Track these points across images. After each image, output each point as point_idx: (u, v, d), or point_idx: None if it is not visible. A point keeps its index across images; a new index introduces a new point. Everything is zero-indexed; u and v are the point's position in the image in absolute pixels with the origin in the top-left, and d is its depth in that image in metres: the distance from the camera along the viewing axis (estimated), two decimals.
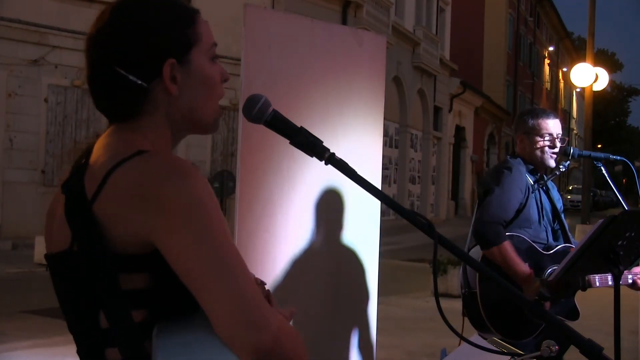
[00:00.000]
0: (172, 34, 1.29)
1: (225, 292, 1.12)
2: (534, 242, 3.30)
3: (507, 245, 3.17)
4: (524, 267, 3.17)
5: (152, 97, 1.28)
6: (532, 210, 3.34)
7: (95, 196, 1.20)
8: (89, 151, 1.31)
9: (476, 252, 3.30)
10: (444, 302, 1.63)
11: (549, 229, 3.42)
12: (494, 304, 3.19)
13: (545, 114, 3.48)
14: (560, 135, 3.43)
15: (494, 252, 3.18)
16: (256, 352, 1.12)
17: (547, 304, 3.14)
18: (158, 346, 1.17)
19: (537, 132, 3.40)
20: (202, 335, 1.19)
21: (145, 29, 1.27)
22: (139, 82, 1.26)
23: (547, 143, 3.39)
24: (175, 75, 1.28)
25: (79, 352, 1.29)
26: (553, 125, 3.42)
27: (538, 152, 3.40)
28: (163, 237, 1.15)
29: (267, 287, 1.48)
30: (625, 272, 3.15)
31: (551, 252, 3.31)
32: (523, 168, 3.40)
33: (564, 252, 3.25)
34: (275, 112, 1.38)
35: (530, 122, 3.43)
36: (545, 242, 3.36)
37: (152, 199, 1.15)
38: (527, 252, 3.25)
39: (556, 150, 3.40)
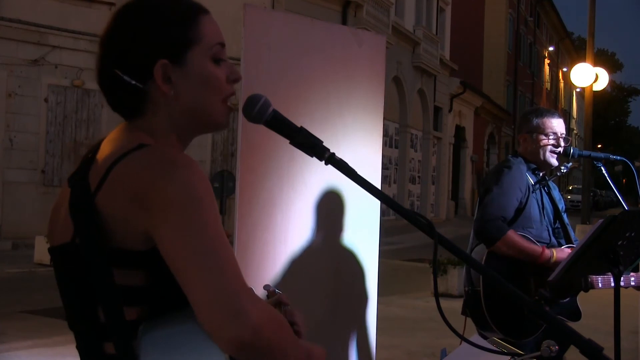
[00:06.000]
0: (164, 35, 1.29)
1: (208, 284, 1.12)
2: (537, 241, 3.30)
3: (511, 234, 3.18)
4: (535, 247, 3.20)
5: (151, 98, 1.30)
6: (533, 209, 3.34)
7: (97, 189, 1.21)
8: (97, 146, 1.32)
9: (480, 250, 3.30)
10: (444, 302, 1.63)
11: (550, 229, 3.42)
12: (497, 302, 3.18)
13: (550, 113, 3.49)
14: (564, 134, 3.43)
15: (499, 246, 3.18)
16: (235, 345, 1.11)
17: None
18: (143, 342, 1.17)
19: (542, 130, 3.40)
20: (190, 326, 1.19)
21: (137, 31, 1.29)
22: (133, 82, 1.28)
23: (552, 142, 3.39)
24: (169, 75, 1.29)
25: (78, 347, 1.29)
26: (557, 125, 3.42)
27: (541, 151, 3.39)
28: (156, 229, 1.16)
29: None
30: (631, 274, 3.15)
31: None
32: (524, 167, 3.40)
33: None
34: (275, 112, 1.37)
35: (535, 120, 3.43)
36: (548, 241, 3.36)
37: (147, 192, 1.16)
38: None
39: (559, 149, 3.40)
